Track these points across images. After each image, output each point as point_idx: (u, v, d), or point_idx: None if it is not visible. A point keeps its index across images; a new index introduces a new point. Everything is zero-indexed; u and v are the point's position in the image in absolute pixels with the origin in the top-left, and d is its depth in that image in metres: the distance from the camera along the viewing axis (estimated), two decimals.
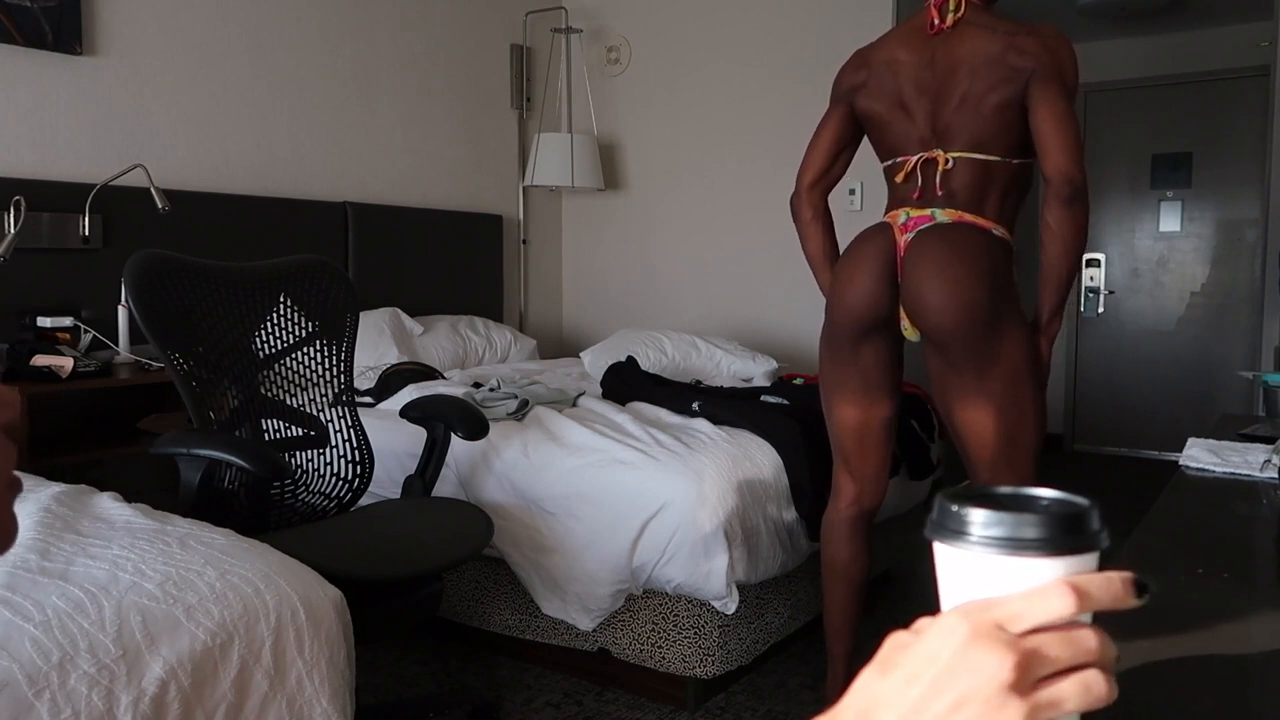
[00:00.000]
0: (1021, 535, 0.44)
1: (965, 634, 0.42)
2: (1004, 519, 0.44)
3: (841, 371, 2.09)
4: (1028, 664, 0.41)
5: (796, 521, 2.52)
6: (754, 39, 4.30)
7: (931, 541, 0.46)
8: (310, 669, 1.40)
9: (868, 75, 2.14)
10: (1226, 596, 0.97)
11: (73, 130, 3.02)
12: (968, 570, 0.45)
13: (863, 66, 2.17)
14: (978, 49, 1.97)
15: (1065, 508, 0.46)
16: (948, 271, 1.89)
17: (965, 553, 0.45)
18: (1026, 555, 0.44)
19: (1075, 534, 0.44)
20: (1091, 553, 0.45)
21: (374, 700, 2.44)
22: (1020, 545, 0.44)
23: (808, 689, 2.55)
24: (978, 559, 0.44)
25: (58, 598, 1.24)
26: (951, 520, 0.45)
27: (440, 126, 4.25)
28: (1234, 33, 5.27)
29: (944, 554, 0.46)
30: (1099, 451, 5.89)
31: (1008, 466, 1.97)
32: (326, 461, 2.29)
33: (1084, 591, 0.42)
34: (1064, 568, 0.44)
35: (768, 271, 4.32)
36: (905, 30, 2.12)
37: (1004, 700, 0.41)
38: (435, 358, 3.63)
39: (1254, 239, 5.28)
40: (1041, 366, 2.01)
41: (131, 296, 1.94)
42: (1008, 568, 0.44)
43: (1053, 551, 0.44)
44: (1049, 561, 0.44)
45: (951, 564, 0.46)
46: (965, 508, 0.45)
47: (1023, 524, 0.44)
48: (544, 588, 2.47)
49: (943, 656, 0.42)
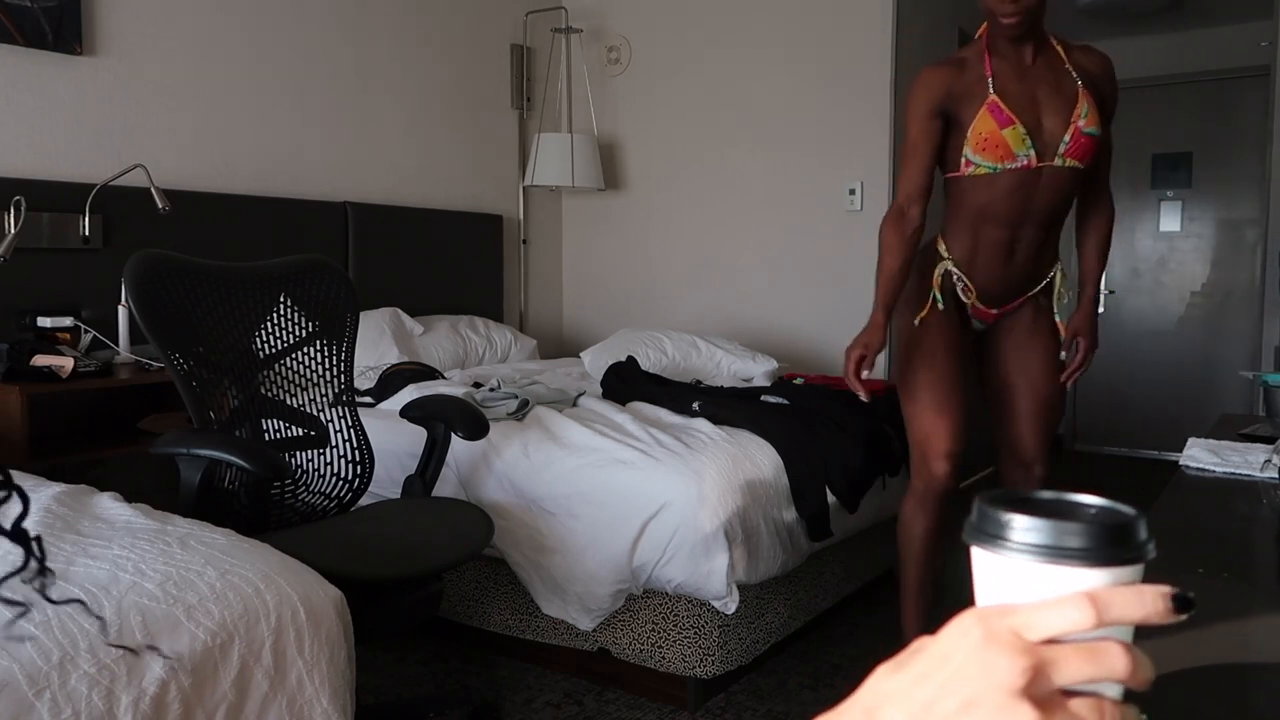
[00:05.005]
0: (1063, 544, 0.42)
1: (979, 636, 0.41)
2: (1045, 526, 0.42)
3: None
4: (1041, 671, 0.40)
5: (796, 521, 2.52)
6: (754, 39, 4.30)
7: (969, 546, 0.45)
8: (310, 669, 1.40)
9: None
10: (1226, 596, 0.97)
11: (73, 130, 3.02)
12: (1006, 577, 0.44)
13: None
14: None
15: (1110, 517, 0.44)
16: None
17: (1003, 559, 0.43)
18: (1067, 564, 0.42)
19: (1119, 545, 0.42)
20: (1136, 565, 0.43)
21: (374, 700, 2.44)
22: (1061, 554, 0.42)
23: (808, 689, 2.55)
24: (1016, 566, 0.43)
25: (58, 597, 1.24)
26: (990, 525, 0.44)
27: (440, 126, 4.25)
28: (1234, 33, 5.27)
29: (982, 559, 0.45)
30: (1099, 451, 5.89)
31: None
32: (326, 461, 2.29)
33: (1103, 604, 0.41)
34: (1106, 579, 0.42)
35: (768, 271, 4.31)
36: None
37: (1014, 705, 0.40)
38: (435, 358, 3.63)
39: (1254, 239, 5.28)
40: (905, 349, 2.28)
41: (132, 296, 1.94)
42: (1047, 576, 0.42)
43: (1094, 562, 0.42)
44: (1091, 572, 0.42)
45: (989, 570, 0.44)
46: (1006, 512, 0.43)
47: (1065, 532, 0.42)
48: (544, 588, 2.47)
49: (955, 657, 0.41)
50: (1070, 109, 2.10)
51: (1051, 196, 2.15)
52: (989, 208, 2.14)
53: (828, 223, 4.14)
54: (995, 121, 2.06)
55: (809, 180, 4.17)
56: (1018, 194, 2.12)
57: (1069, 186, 2.17)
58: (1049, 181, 2.12)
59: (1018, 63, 2.10)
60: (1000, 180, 2.10)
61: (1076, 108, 2.10)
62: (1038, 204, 2.14)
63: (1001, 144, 2.07)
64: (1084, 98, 2.10)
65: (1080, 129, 2.09)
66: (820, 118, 4.12)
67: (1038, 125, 2.09)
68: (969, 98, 2.09)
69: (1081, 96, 2.10)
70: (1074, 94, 2.11)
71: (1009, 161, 2.08)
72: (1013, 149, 2.06)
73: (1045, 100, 2.10)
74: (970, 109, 2.08)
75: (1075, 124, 2.09)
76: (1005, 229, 2.17)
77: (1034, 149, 2.08)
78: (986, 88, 2.08)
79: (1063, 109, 2.10)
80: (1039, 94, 2.10)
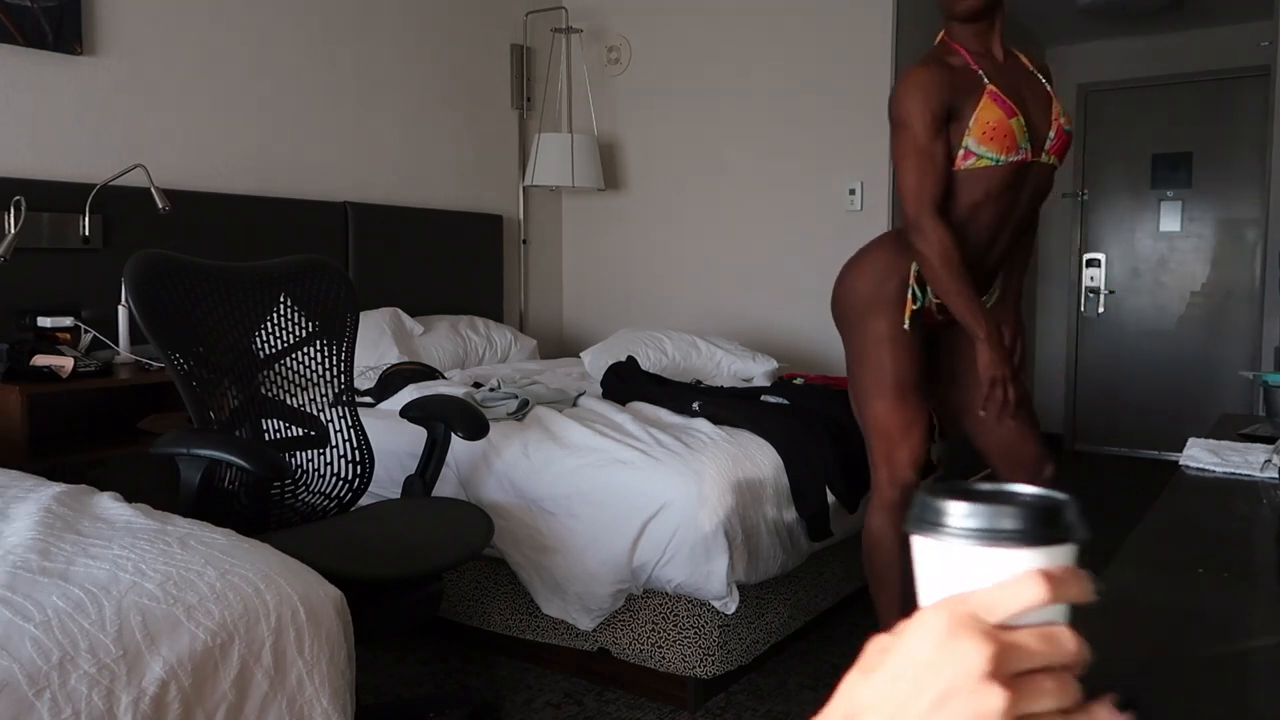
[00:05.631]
0: (998, 526, 0.45)
1: (943, 627, 0.42)
2: (981, 510, 0.45)
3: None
4: (1005, 655, 0.42)
5: (796, 521, 2.52)
6: (754, 39, 4.30)
7: (911, 536, 0.48)
8: (310, 669, 1.40)
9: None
10: (1226, 596, 0.97)
11: (73, 130, 3.02)
12: (945, 562, 0.46)
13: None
14: None
15: (1042, 501, 0.47)
16: None
17: (943, 544, 0.46)
18: (1003, 546, 0.45)
19: (1051, 526, 0.45)
20: (1067, 544, 0.45)
21: (374, 700, 2.44)
22: (997, 536, 0.45)
23: (808, 689, 2.55)
24: (955, 550, 0.45)
25: (58, 597, 1.24)
26: (930, 514, 0.46)
27: (440, 126, 4.25)
28: (1234, 33, 5.27)
29: (922, 546, 0.47)
30: (1099, 451, 5.89)
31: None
32: (326, 461, 2.29)
33: (1055, 580, 0.43)
34: (1040, 559, 0.45)
35: (768, 271, 4.32)
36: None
37: (986, 689, 0.41)
38: (435, 358, 3.63)
39: (1254, 239, 5.29)
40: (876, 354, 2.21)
41: (132, 296, 1.94)
42: (984, 558, 0.45)
43: (1029, 542, 0.44)
44: (1025, 553, 0.44)
45: (929, 556, 0.47)
46: (944, 500, 0.46)
47: (1000, 515, 0.45)
48: (544, 588, 2.47)
49: (923, 652, 0.42)
50: (1048, 106, 2.10)
51: (1033, 195, 2.13)
52: (979, 205, 2.07)
53: (828, 223, 4.14)
54: (1001, 110, 2.00)
55: (809, 180, 4.17)
56: (1008, 191, 2.07)
57: (1047, 186, 2.15)
58: (1034, 179, 2.10)
59: (994, 61, 2.08)
60: (996, 175, 2.05)
61: (1055, 105, 2.11)
62: (1022, 203, 2.11)
63: (1009, 134, 2.01)
64: (1055, 97, 2.13)
65: (1062, 126, 2.10)
66: (820, 118, 4.13)
67: (1031, 120, 2.07)
68: (966, 90, 2.03)
69: (1053, 96, 2.12)
70: (1046, 93, 2.13)
71: (1012, 153, 2.03)
72: (1017, 140, 2.03)
73: (1029, 97, 2.08)
74: (969, 101, 2.01)
75: (1058, 120, 2.09)
76: (988, 230, 2.12)
77: (1030, 143, 2.06)
78: (981, 79, 2.03)
79: (1043, 106, 2.09)
80: (1023, 90, 2.08)
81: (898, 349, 2.16)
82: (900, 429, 2.18)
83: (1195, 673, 0.78)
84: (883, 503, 2.24)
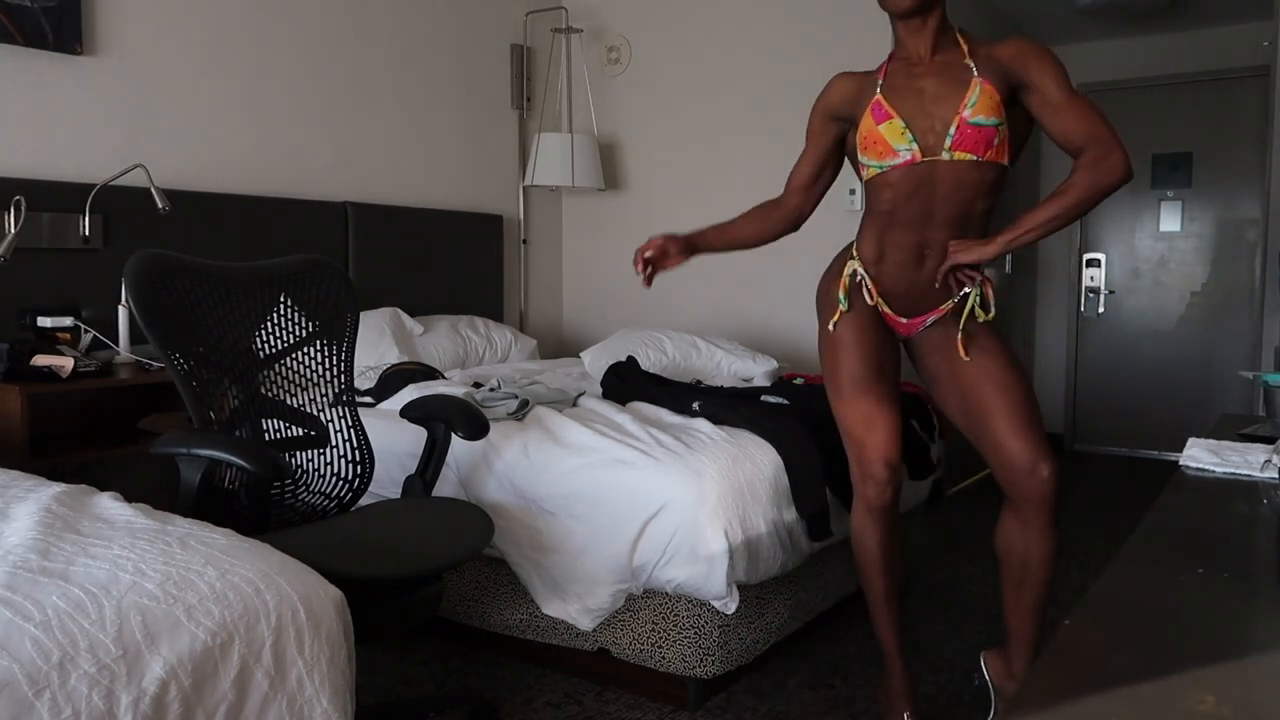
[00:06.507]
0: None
1: None
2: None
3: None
4: None
5: (796, 521, 2.52)
6: (754, 39, 4.30)
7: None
8: (310, 669, 1.40)
9: None
10: (1226, 596, 0.97)
11: (73, 130, 3.02)
12: None
13: None
14: None
15: None
16: None
17: None
18: None
19: None
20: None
21: (374, 700, 2.44)
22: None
23: (807, 689, 2.55)
24: None
25: (58, 597, 1.24)
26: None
27: (440, 126, 4.25)
28: (1234, 33, 5.27)
29: None
30: (1099, 451, 5.89)
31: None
32: (327, 461, 2.29)
33: None
34: None
35: (768, 271, 4.32)
36: None
37: None
38: (435, 358, 3.63)
39: (1254, 239, 5.29)
40: (825, 357, 2.29)
41: (132, 296, 1.95)
42: None
43: None
44: None
45: None
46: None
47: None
48: (544, 588, 2.47)
49: None
50: (959, 100, 2.00)
51: (953, 193, 2.04)
52: (892, 209, 2.08)
53: (828, 223, 4.13)
54: (873, 119, 2.04)
55: None
56: (918, 193, 2.04)
57: (971, 181, 2.04)
58: (946, 177, 2.03)
59: (914, 61, 2.06)
60: (894, 179, 2.04)
61: (964, 98, 1.99)
62: (940, 203, 2.05)
63: (879, 140, 2.03)
64: (976, 88, 1.99)
65: (966, 119, 1.98)
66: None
67: (925, 119, 2.02)
68: (862, 101, 2.09)
69: (974, 86, 1.99)
70: (967, 85, 2.00)
71: (891, 158, 2.03)
72: (890, 144, 2.01)
73: (933, 92, 2.02)
74: (861, 112, 2.09)
75: (960, 114, 1.98)
76: (911, 231, 2.08)
77: (916, 143, 2.01)
78: (875, 90, 2.07)
79: (951, 100, 2.00)
80: (926, 87, 2.02)
81: (843, 348, 2.20)
82: (860, 425, 2.18)
83: (1196, 672, 0.78)
84: (859, 500, 2.25)
